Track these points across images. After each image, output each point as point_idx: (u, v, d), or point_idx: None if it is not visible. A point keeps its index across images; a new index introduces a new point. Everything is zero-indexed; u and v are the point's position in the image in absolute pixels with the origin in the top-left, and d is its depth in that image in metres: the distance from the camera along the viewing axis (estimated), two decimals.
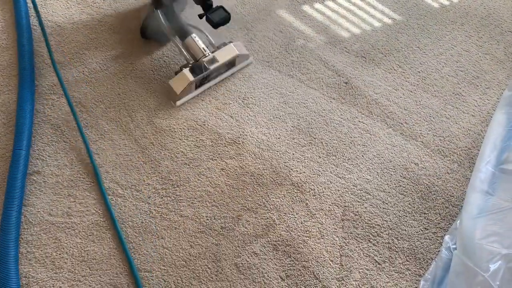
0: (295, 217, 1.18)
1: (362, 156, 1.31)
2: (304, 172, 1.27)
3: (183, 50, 1.36)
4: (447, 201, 1.23)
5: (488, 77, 1.53)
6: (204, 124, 1.35)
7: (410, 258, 1.13)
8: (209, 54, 1.34)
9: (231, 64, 1.41)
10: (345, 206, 1.21)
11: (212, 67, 1.34)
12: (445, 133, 1.38)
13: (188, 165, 1.26)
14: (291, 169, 1.27)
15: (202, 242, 1.13)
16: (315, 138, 1.34)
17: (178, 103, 1.36)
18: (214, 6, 1.32)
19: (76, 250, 1.11)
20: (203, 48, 1.34)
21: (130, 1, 1.68)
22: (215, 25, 1.29)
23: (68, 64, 1.47)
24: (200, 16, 1.31)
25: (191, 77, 1.31)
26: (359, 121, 1.39)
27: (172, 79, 1.35)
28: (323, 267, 1.11)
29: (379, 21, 1.69)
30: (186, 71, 1.32)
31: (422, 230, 1.18)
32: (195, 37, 1.36)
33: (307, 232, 1.16)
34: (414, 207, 1.22)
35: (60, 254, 1.10)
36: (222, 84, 1.45)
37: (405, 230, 1.18)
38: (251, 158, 1.29)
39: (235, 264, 1.10)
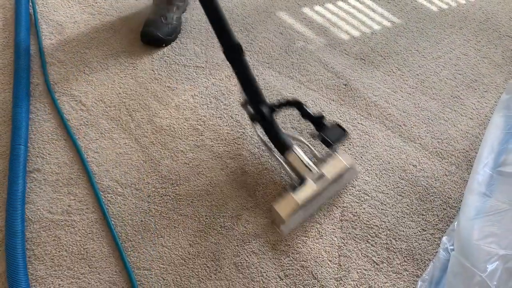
0: None
1: (361, 157, 1.32)
2: None
3: (285, 167, 1.17)
4: (444, 203, 1.24)
5: (486, 80, 1.54)
6: (204, 124, 1.36)
7: (408, 259, 1.14)
8: (315, 170, 1.14)
9: (338, 177, 1.20)
10: (343, 207, 1.22)
11: (320, 185, 1.13)
12: (443, 136, 1.39)
13: (188, 165, 1.27)
14: None
15: (201, 241, 1.14)
16: (314, 140, 1.34)
17: (285, 230, 1.14)
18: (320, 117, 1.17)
19: (76, 247, 1.11)
20: (308, 164, 1.14)
21: (131, 1, 1.69)
22: (332, 145, 1.14)
23: (69, 62, 1.48)
24: (313, 136, 1.19)
25: (299, 200, 1.10)
26: (358, 123, 1.40)
27: (277, 201, 1.12)
28: (321, 267, 1.11)
29: (378, 24, 1.71)
30: (293, 192, 1.11)
31: (420, 231, 1.19)
32: (297, 150, 1.16)
33: (306, 232, 1.17)
34: (412, 208, 1.23)
35: (59, 252, 1.10)
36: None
37: (403, 231, 1.18)
38: (251, 159, 1.29)
39: (234, 263, 1.11)
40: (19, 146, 1.22)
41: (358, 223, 1.19)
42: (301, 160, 1.15)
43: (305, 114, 1.17)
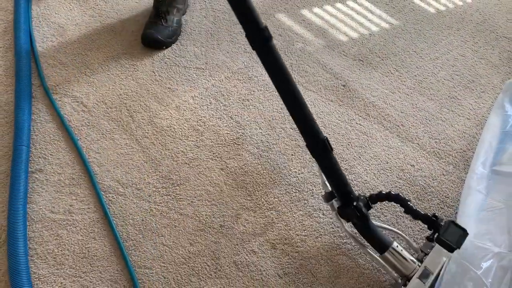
0: (294, 216, 1.20)
1: (359, 157, 1.34)
2: (302, 172, 1.29)
3: (386, 266, 1.04)
4: (442, 202, 1.26)
5: (483, 81, 1.56)
6: (204, 125, 1.37)
7: None
8: (418, 266, 1.01)
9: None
10: None
11: (428, 283, 0.99)
12: (440, 136, 1.40)
13: (188, 165, 1.28)
14: (290, 169, 1.29)
15: (202, 240, 1.15)
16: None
17: None
18: (437, 218, 1.03)
19: (78, 247, 1.12)
20: (411, 260, 1.02)
21: (132, 4, 1.70)
22: (454, 249, 1.00)
23: (71, 64, 1.49)
24: (430, 239, 1.04)
25: None
26: (356, 123, 1.42)
27: None
28: (320, 265, 1.13)
29: (376, 26, 1.72)
30: None
31: (418, 231, 1.20)
32: (397, 247, 1.04)
33: (305, 231, 1.18)
34: None
35: (61, 251, 1.11)
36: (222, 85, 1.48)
37: (401, 230, 1.20)
38: (250, 159, 1.31)
39: (234, 262, 1.12)
40: (21, 147, 1.23)
41: None
42: (403, 257, 1.02)
43: (411, 212, 1.04)
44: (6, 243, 1.09)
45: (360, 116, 1.43)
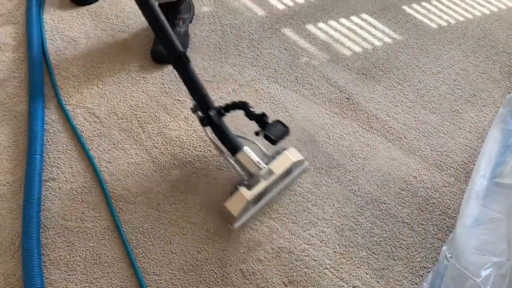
0: (298, 226, 1.24)
1: (363, 168, 1.37)
2: (307, 183, 1.32)
3: (235, 166, 1.20)
4: (444, 213, 1.28)
5: (484, 95, 1.59)
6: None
7: (408, 267, 1.18)
8: (264, 167, 1.17)
9: (287, 172, 1.26)
10: (346, 216, 1.26)
11: (269, 181, 1.19)
12: (442, 148, 1.43)
13: (196, 174, 1.32)
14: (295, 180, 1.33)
15: (209, 248, 1.18)
16: (318, 151, 1.40)
17: (236, 226, 1.20)
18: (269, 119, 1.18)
19: (89, 253, 1.16)
20: (257, 162, 1.17)
21: (142, 19, 1.75)
22: (275, 141, 1.15)
23: (83, 76, 1.54)
24: (257, 134, 1.18)
25: (248, 196, 1.15)
26: (360, 135, 1.45)
27: (228, 200, 1.17)
28: (324, 274, 1.16)
29: (379, 41, 1.77)
30: (242, 189, 1.16)
31: (420, 240, 1.23)
32: (247, 150, 1.19)
33: (309, 240, 1.21)
34: (412, 218, 1.27)
35: (73, 257, 1.15)
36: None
37: (403, 240, 1.23)
38: None
39: (240, 270, 1.15)
40: (35, 156, 1.28)
41: (360, 231, 1.23)
42: (250, 159, 1.18)
43: (249, 114, 1.19)
44: (20, 249, 1.13)
45: (364, 129, 1.47)
